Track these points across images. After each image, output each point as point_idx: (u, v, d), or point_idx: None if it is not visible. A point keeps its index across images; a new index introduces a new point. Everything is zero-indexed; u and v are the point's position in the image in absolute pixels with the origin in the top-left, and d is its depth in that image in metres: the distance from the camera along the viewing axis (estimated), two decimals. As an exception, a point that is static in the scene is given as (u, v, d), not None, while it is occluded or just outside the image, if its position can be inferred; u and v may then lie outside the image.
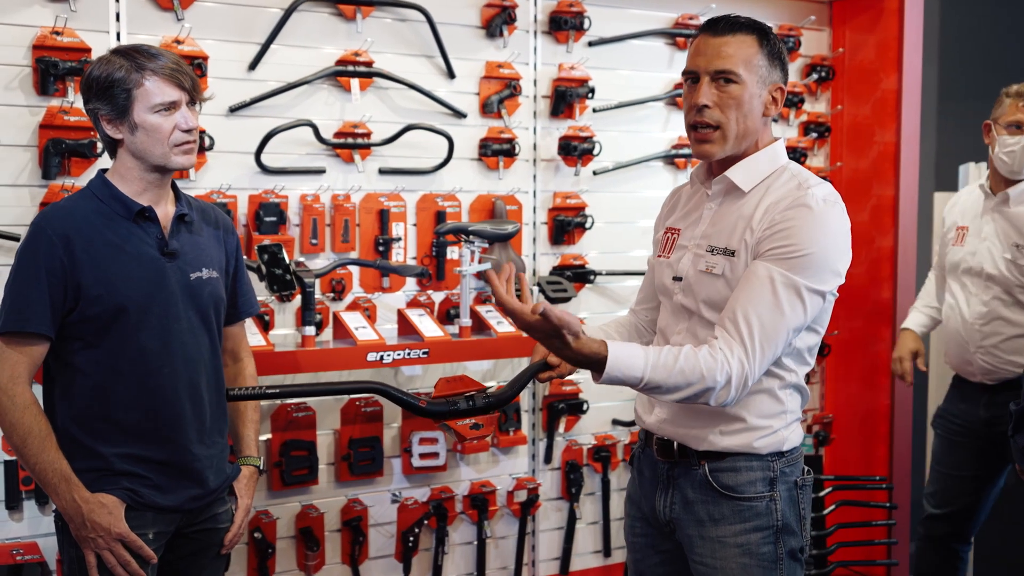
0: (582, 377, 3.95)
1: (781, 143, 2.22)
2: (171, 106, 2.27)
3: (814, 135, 4.42)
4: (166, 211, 2.38)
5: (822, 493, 4.06)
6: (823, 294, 2.07)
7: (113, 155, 2.34)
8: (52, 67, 2.97)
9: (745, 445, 2.17)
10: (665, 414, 2.25)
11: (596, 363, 1.98)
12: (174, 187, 2.43)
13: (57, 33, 2.99)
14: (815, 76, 4.40)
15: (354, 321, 3.33)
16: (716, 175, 2.22)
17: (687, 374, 1.98)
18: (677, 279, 2.23)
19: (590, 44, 3.90)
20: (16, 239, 2.87)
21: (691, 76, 2.15)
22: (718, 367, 1.99)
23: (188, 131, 2.30)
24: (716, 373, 1.98)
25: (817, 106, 4.48)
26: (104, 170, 2.37)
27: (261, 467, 2.60)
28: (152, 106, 2.25)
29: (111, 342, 2.27)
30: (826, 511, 4.04)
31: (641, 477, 2.35)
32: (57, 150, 2.99)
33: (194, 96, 2.32)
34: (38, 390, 2.30)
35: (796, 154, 4.34)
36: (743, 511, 2.16)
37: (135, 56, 2.26)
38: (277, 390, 2.16)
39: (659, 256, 2.33)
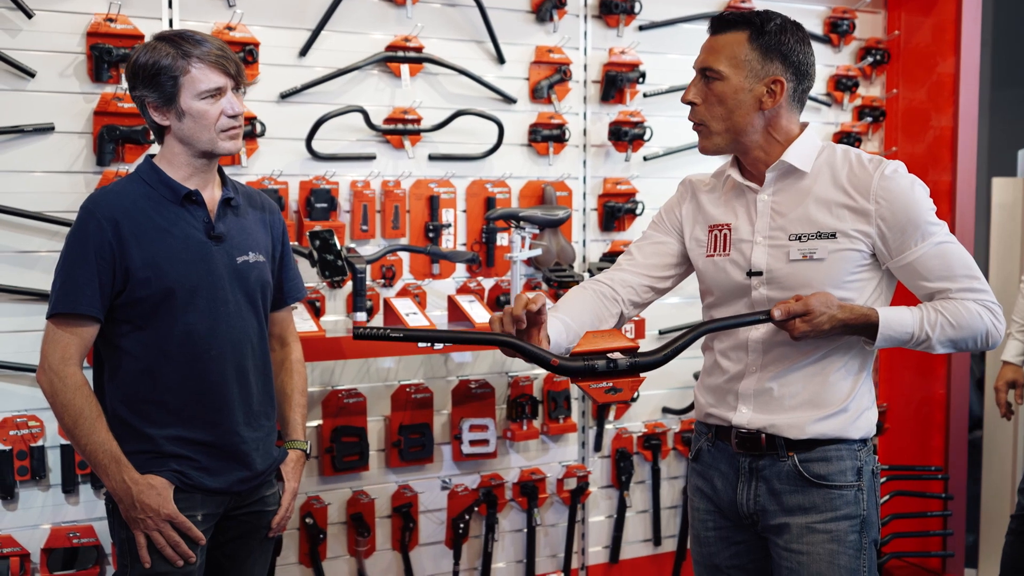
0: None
1: (813, 127, 2.25)
2: (217, 92, 2.28)
3: (868, 119, 4.34)
4: (212, 195, 2.39)
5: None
6: None
7: (161, 141, 2.36)
8: (106, 54, 2.99)
9: (841, 430, 2.17)
10: (753, 407, 2.22)
11: (869, 327, 2.10)
12: (221, 172, 2.44)
13: (111, 20, 3.01)
14: (870, 59, 4.32)
15: (404, 307, 3.33)
16: (751, 169, 2.23)
17: (956, 327, 2.11)
18: (756, 273, 2.19)
19: (640, 28, 3.87)
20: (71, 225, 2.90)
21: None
22: (976, 312, 2.11)
23: (234, 116, 2.31)
24: (977, 315, 2.11)
25: (872, 90, 4.41)
26: (152, 155, 2.38)
27: (308, 451, 2.60)
28: (198, 93, 2.26)
29: (159, 325, 2.28)
30: (881, 501, 3.97)
31: (713, 471, 2.31)
32: (111, 137, 3.01)
33: (239, 81, 2.33)
34: (88, 373, 2.32)
35: (850, 139, 4.27)
36: (834, 499, 2.16)
37: (180, 43, 2.27)
38: (401, 334, 2.04)
39: (710, 255, 2.28)
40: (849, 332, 2.12)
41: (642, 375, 2.05)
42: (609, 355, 2.03)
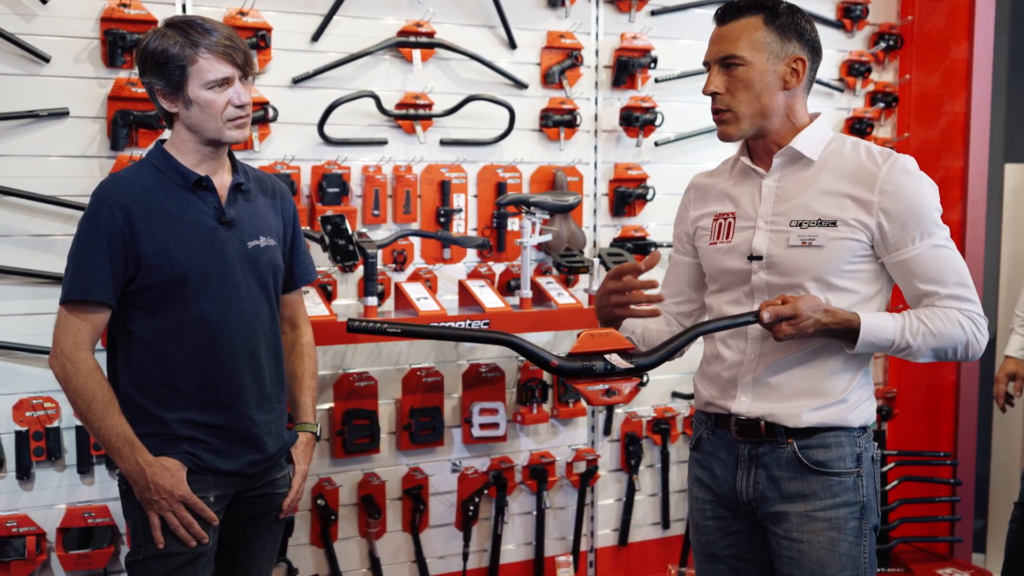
0: (642, 349, 3.94)
1: (825, 117, 2.30)
2: (224, 82, 2.29)
3: (881, 105, 4.33)
4: (223, 181, 2.40)
5: (885, 468, 4.02)
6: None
7: (171, 126, 2.38)
8: (120, 39, 3.01)
9: (839, 419, 2.19)
10: (752, 397, 2.24)
11: (850, 332, 2.12)
12: (231, 156, 2.46)
13: (124, 5, 3.02)
14: (883, 45, 4.31)
15: (415, 292, 3.35)
16: (762, 153, 2.26)
17: (938, 336, 2.13)
18: (756, 258, 2.22)
19: (652, 13, 3.86)
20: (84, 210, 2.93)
21: (707, 66, 2.25)
22: (958, 321, 2.13)
23: (241, 106, 2.32)
24: (958, 325, 2.13)
25: (885, 75, 4.39)
26: (163, 140, 2.40)
27: (318, 433, 2.63)
28: (206, 83, 2.27)
29: (171, 310, 2.31)
30: (889, 486, 3.99)
31: (713, 459, 2.33)
32: (125, 121, 3.03)
33: (247, 71, 2.34)
34: (101, 358, 2.34)
35: (862, 124, 4.26)
36: (833, 486, 2.18)
37: (189, 31, 2.28)
38: (399, 329, 2.02)
39: (713, 243, 2.32)
40: (831, 336, 2.14)
41: (638, 377, 2.06)
42: (607, 356, 2.03)
